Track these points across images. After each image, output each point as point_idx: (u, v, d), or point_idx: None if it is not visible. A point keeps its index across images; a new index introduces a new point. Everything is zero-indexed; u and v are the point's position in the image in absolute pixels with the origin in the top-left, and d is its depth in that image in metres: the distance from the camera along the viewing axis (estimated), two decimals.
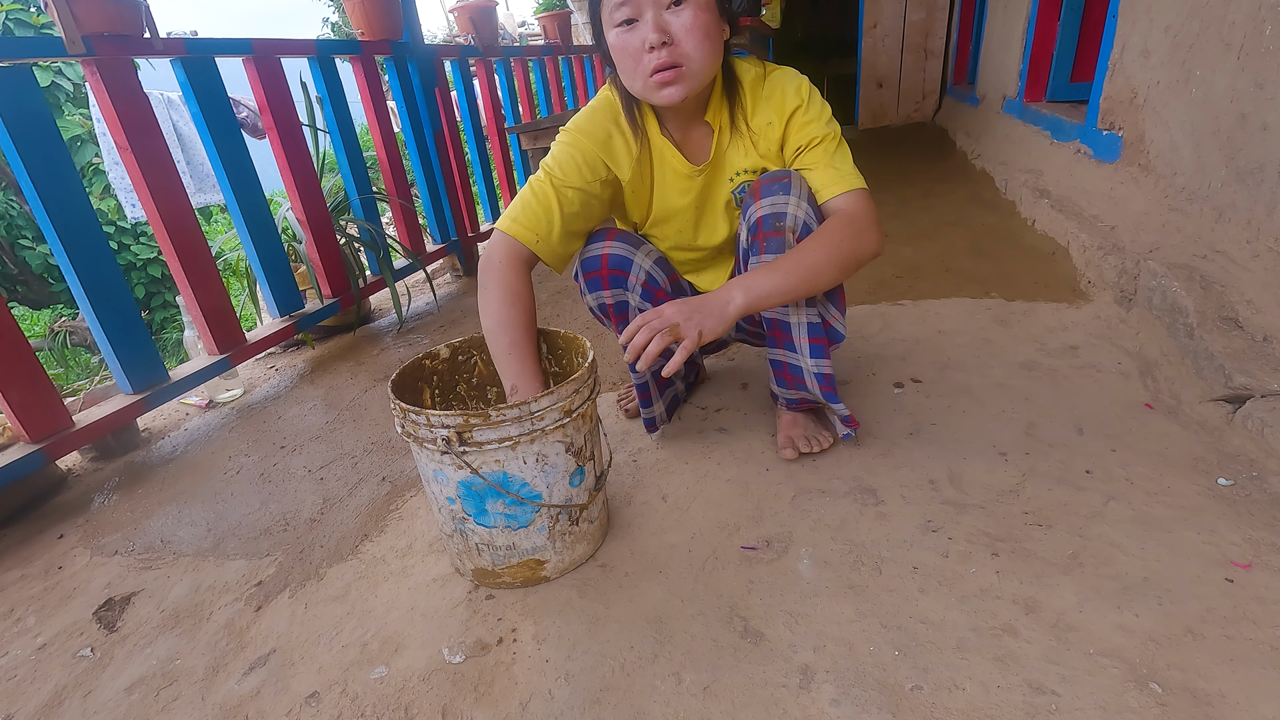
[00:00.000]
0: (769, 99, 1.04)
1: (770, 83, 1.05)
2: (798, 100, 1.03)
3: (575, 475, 0.93)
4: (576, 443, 0.91)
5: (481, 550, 0.93)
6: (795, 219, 0.98)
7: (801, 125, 1.03)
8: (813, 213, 1.00)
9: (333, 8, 11.49)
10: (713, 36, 0.93)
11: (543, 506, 0.90)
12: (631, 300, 1.14)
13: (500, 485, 0.87)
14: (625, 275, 1.11)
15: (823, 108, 1.04)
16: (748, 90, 1.05)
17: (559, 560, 0.96)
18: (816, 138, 1.02)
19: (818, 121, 1.02)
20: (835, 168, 1.01)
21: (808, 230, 0.99)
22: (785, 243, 0.99)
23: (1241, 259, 1.32)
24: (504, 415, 0.82)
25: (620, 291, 1.12)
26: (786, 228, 0.98)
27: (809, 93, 1.04)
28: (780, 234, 0.99)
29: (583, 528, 0.97)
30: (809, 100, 1.03)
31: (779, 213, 0.99)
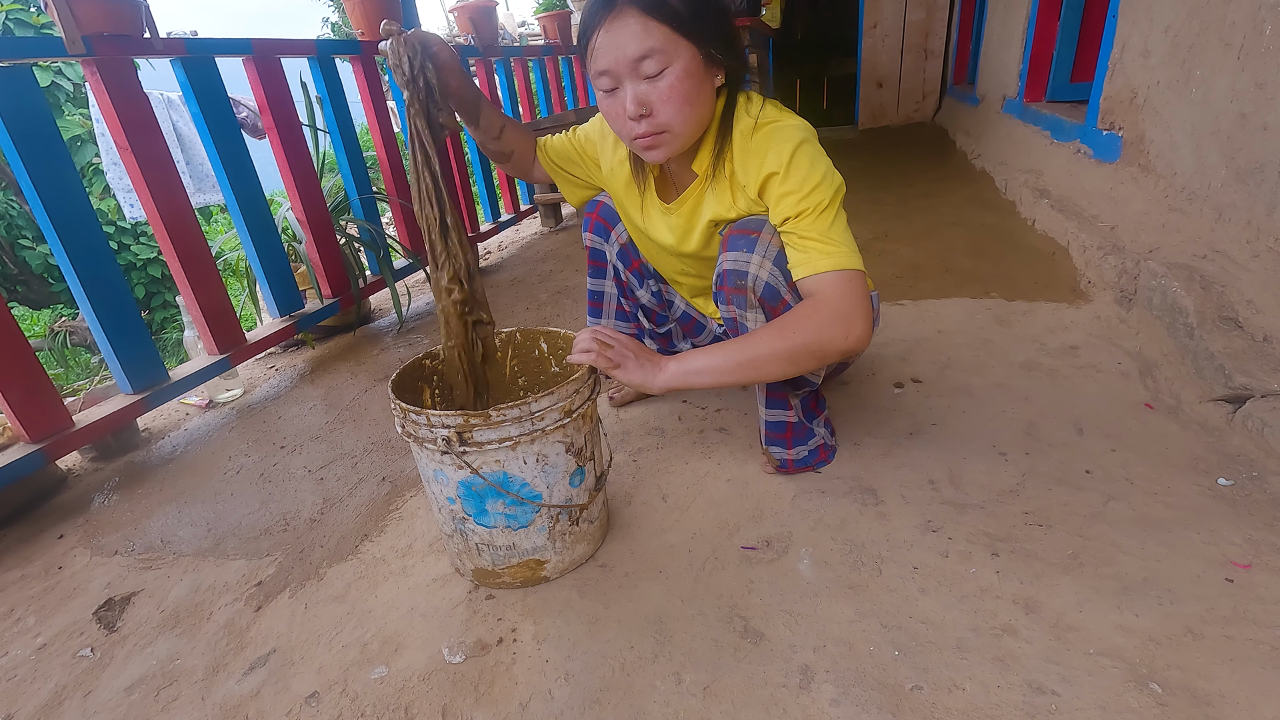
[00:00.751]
0: (752, 155, 0.93)
1: (758, 138, 0.92)
2: (775, 166, 0.90)
3: (575, 475, 0.93)
4: (577, 443, 0.91)
5: (481, 550, 0.93)
6: (756, 280, 0.94)
7: (779, 197, 0.91)
8: (778, 273, 0.94)
9: (333, 8, 11.48)
10: (695, 99, 0.88)
11: (543, 507, 0.90)
12: (609, 254, 1.28)
13: (500, 485, 0.87)
14: (609, 229, 1.24)
15: (807, 175, 0.89)
16: (736, 142, 0.95)
17: (559, 560, 0.96)
18: (795, 213, 0.89)
19: (797, 194, 0.89)
20: (812, 246, 0.88)
21: (770, 291, 0.94)
22: (748, 301, 0.97)
23: (1241, 259, 1.32)
24: (504, 415, 0.82)
25: (601, 240, 1.27)
26: (747, 287, 0.95)
27: (791, 157, 0.89)
28: (742, 292, 0.96)
29: (583, 528, 0.97)
30: (789, 166, 0.89)
31: (740, 270, 0.95)
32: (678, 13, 0.82)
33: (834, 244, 0.88)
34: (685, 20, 0.82)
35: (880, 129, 5.38)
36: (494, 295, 2.46)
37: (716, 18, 0.86)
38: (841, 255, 0.87)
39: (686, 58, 0.84)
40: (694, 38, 0.84)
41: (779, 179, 0.90)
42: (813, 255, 0.88)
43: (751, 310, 0.99)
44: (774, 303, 0.97)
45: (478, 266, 1.10)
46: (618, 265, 1.28)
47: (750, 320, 1.00)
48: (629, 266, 1.28)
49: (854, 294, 0.86)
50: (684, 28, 0.83)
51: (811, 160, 0.90)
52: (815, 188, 0.88)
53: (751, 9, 2.78)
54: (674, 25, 0.82)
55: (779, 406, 1.08)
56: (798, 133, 0.91)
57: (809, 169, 0.89)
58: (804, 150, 0.90)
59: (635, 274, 1.29)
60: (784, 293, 0.96)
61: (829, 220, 0.89)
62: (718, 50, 0.87)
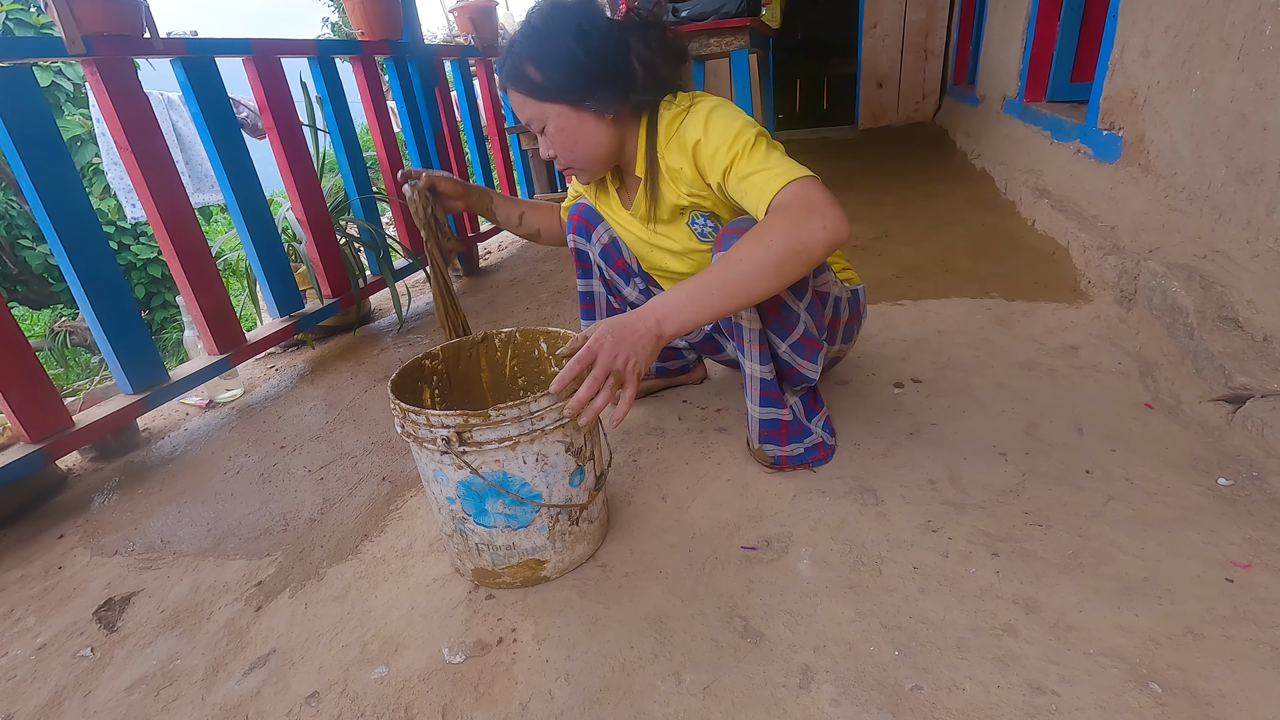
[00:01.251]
0: (675, 139, 0.99)
1: (677, 126, 0.98)
2: (696, 135, 0.95)
3: (575, 475, 0.93)
4: (576, 443, 0.91)
5: (481, 550, 0.93)
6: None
7: (709, 158, 0.95)
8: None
9: (333, 8, 11.49)
10: (578, 142, 1.01)
11: (543, 506, 0.90)
12: (592, 254, 1.29)
13: (500, 485, 0.87)
14: (591, 229, 1.26)
15: (726, 128, 0.93)
16: (662, 136, 1.01)
17: (559, 560, 0.96)
18: (728, 162, 0.92)
19: (724, 147, 0.92)
20: (757, 178, 0.89)
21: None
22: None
23: (1241, 259, 1.32)
24: (504, 415, 0.82)
25: (583, 240, 1.27)
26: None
27: (706, 121, 0.94)
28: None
29: (583, 527, 0.97)
30: (707, 129, 0.94)
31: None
32: (540, 86, 0.97)
33: (776, 166, 0.89)
34: (548, 90, 0.97)
35: (880, 129, 5.38)
36: (494, 295, 2.46)
37: (582, 77, 0.96)
38: (787, 171, 0.88)
39: (558, 114, 0.99)
40: (559, 100, 0.98)
41: (703, 144, 0.95)
42: (762, 184, 0.88)
43: (746, 309, 1.00)
44: (770, 301, 0.98)
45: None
46: (600, 264, 1.29)
47: (744, 318, 1.02)
48: (612, 265, 1.28)
49: (815, 191, 0.85)
50: (548, 95, 0.97)
51: (727, 118, 0.95)
52: (737, 135, 0.92)
53: (751, 9, 2.78)
54: (539, 96, 0.98)
55: (773, 405, 1.08)
56: (708, 103, 0.98)
57: (726, 124, 0.94)
58: (717, 113, 0.95)
59: (620, 273, 1.29)
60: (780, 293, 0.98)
61: (762, 152, 0.91)
62: (592, 101, 0.97)
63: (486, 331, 1.12)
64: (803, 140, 5.36)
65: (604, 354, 0.81)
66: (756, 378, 1.06)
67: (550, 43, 0.94)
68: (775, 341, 1.04)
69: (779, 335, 1.03)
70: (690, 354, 1.44)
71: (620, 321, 0.84)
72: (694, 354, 1.45)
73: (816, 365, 1.07)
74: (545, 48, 0.94)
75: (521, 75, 0.96)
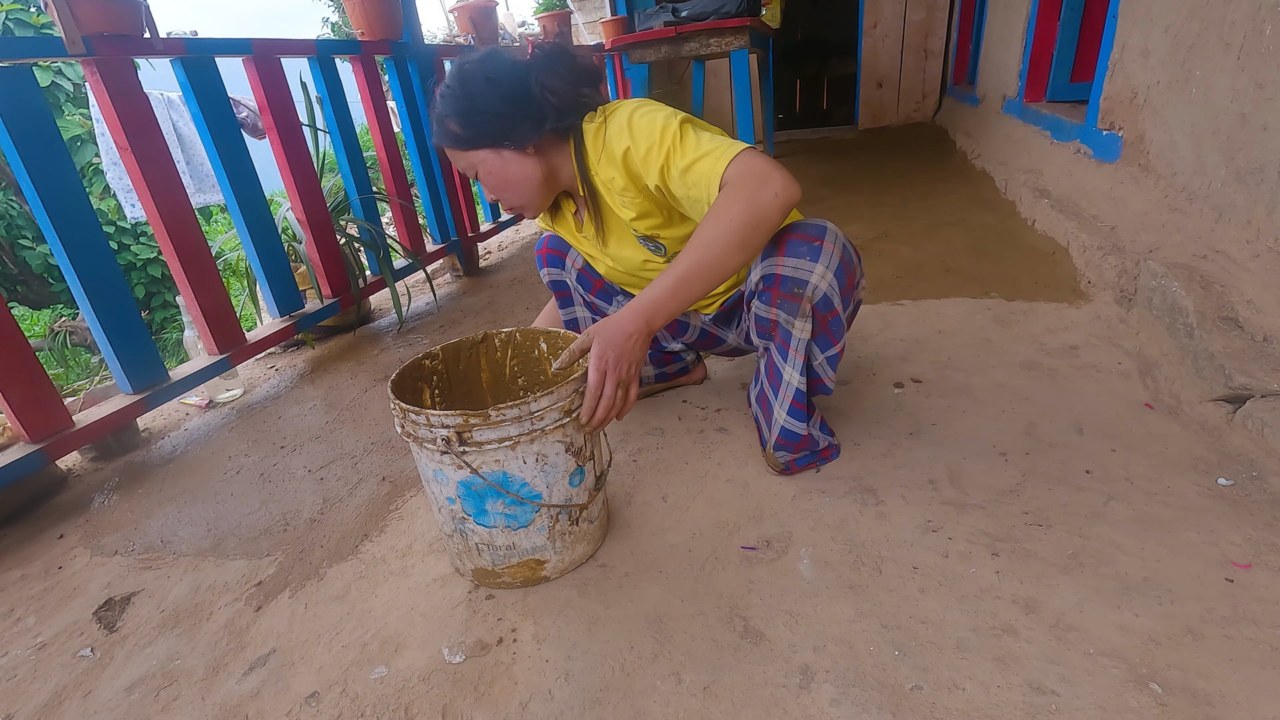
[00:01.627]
0: (606, 151, 1.00)
1: (606, 134, 1.00)
2: (624, 142, 0.96)
3: (575, 475, 0.93)
4: (576, 443, 0.91)
5: (481, 550, 0.93)
6: (816, 290, 0.96)
7: (643, 162, 0.95)
8: (835, 284, 0.97)
9: (333, 8, 11.49)
10: (507, 180, 1.04)
11: (543, 506, 0.90)
12: (569, 281, 1.31)
13: (500, 485, 0.87)
14: (563, 257, 1.29)
15: (649, 129, 0.94)
16: (590, 152, 1.03)
17: (559, 560, 0.96)
18: (663, 160, 0.93)
19: (655, 148, 0.93)
20: (699, 167, 0.90)
21: (826, 301, 0.97)
22: (800, 309, 0.98)
23: (1241, 259, 1.32)
24: (504, 415, 0.82)
25: (557, 270, 1.31)
26: (805, 295, 0.97)
27: (628, 123, 0.96)
28: (797, 299, 0.98)
29: (583, 527, 0.97)
30: (632, 134, 0.95)
31: (800, 279, 0.96)
32: (462, 137, 1.02)
33: (712, 150, 0.90)
34: (469, 139, 1.02)
35: (880, 129, 5.37)
36: (494, 295, 2.46)
37: (495, 120, 1.00)
38: (724, 150, 0.89)
39: (483, 160, 1.03)
40: (480, 146, 1.02)
41: (632, 149, 0.96)
42: (706, 170, 0.89)
43: (801, 319, 0.99)
44: (826, 311, 0.98)
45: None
46: (579, 290, 1.31)
47: (798, 328, 1.00)
48: (591, 289, 1.30)
49: (757, 161, 0.88)
50: (470, 144, 1.03)
51: (647, 116, 0.96)
52: (662, 130, 0.93)
53: (751, 9, 2.78)
54: (463, 146, 1.03)
55: (799, 418, 1.08)
56: (625, 107, 0.99)
57: (648, 123, 0.95)
58: (636, 114, 0.97)
59: (600, 294, 1.30)
60: (837, 303, 0.98)
61: (693, 140, 0.92)
62: (507, 138, 1.01)
63: (486, 331, 1.12)
64: (803, 140, 5.36)
65: (611, 371, 0.86)
66: (793, 386, 1.05)
67: (463, 97, 1.00)
68: (815, 352, 1.04)
69: (822, 347, 1.03)
70: (689, 355, 1.44)
71: (613, 329, 0.87)
72: (692, 354, 1.45)
73: (835, 376, 1.09)
74: (460, 103, 1.00)
75: (446, 131, 1.03)
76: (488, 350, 1.12)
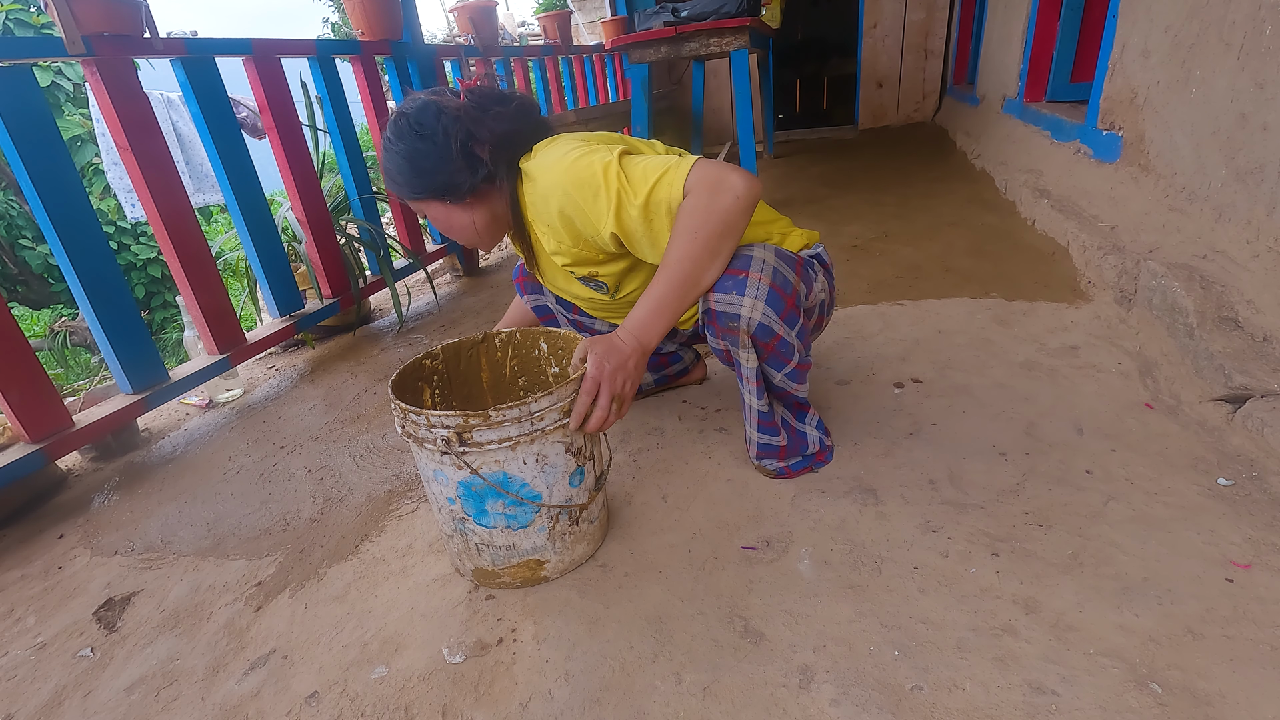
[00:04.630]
0: (543, 214, 1.00)
1: (540, 187, 0.98)
2: (558, 200, 0.94)
3: (575, 475, 0.92)
4: (576, 443, 0.91)
5: (481, 550, 0.93)
6: (750, 321, 0.96)
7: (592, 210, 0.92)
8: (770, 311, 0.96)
9: (333, 8, 11.50)
10: (450, 222, 1.06)
11: (543, 507, 0.90)
12: (549, 304, 1.32)
13: (500, 485, 0.87)
14: (539, 283, 1.29)
15: (582, 173, 0.91)
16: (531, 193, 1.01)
17: (559, 560, 0.96)
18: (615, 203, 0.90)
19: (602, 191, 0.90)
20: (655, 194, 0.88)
21: (763, 329, 0.97)
22: (740, 341, 0.99)
23: (1241, 259, 1.32)
24: (504, 415, 0.82)
25: (537, 296, 1.32)
26: (739, 328, 0.97)
27: (560, 180, 0.93)
28: (734, 332, 0.98)
29: (583, 528, 0.97)
30: (567, 191, 0.93)
31: (731, 313, 0.96)
32: (403, 188, 1.04)
33: (661, 173, 0.89)
34: (409, 191, 1.04)
35: (880, 129, 5.37)
36: (494, 295, 2.46)
37: (427, 178, 1.01)
38: (675, 173, 0.88)
39: (428, 208, 1.06)
40: (421, 198, 1.04)
41: (572, 209, 0.94)
42: (663, 197, 0.89)
43: (745, 350, 1.01)
44: (767, 339, 0.98)
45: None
46: (561, 311, 1.32)
47: (744, 358, 1.02)
48: (573, 310, 1.31)
49: (709, 172, 0.87)
50: (412, 195, 1.05)
51: (577, 168, 0.92)
52: (604, 172, 0.90)
53: (751, 9, 2.78)
54: (406, 197, 1.06)
55: (769, 432, 1.10)
56: (548, 165, 0.96)
57: (580, 170, 0.92)
58: (566, 174, 0.93)
59: (582, 314, 1.31)
60: (777, 328, 0.97)
61: (639, 171, 0.90)
62: (445, 194, 1.02)
63: (487, 331, 1.12)
64: (803, 140, 5.36)
65: (607, 383, 0.88)
66: (754, 409, 1.08)
67: (399, 154, 1.01)
68: (771, 373, 1.05)
69: (775, 368, 1.04)
70: (688, 354, 1.44)
71: (611, 347, 0.90)
72: (691, 354, 1.45)
73: (806, 386, 1.10)
74: (398, 159, 1.01)
75: (391, 181, 1.05)
76: (488, 350, 1.12)
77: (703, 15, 2.74)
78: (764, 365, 1.04)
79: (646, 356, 0.92)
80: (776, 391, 1.09)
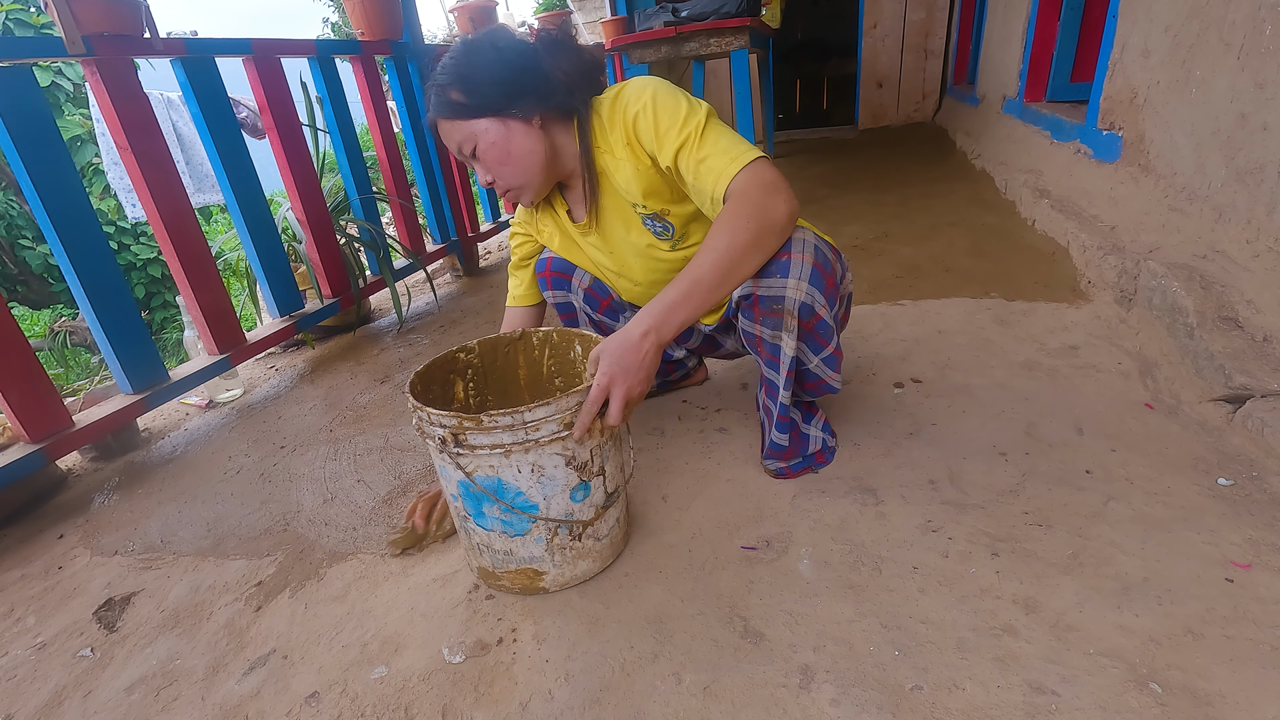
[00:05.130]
0: (615, 126, 1.00)
1: (616, 106, 0.99)
2: (637, 105, 0.96)
3: (578, 490, 0.89)
4: (580, 457, 0.87)
5: (482, 550, 0.93)
6: (794, 302, 0.95)
7: (660, 136, 0.94)
8: (815, 290, 0.95)
9: (333, 8, 11.50)
10: (509, 156, 1.00)
11: (539, 519, 0.88)
12: (575, 302, 1.26)
13: (493, 492, 0.85)
14: (568, 279, 1.23)
15: (674, 109, 0.94)
16: (602, 127, 1.01)
17: (558, 574, 0.93)
18: (680, 142, 0.93)
19: (673, 128, 0.93)
20: (713, 162, 0.91)
21: (806, 308, 0.96)
22: (783, 324, 0.97)
23: (1241, 259, 1.32)
24: (496, 422, 0.80)
25: (564, 293, 1.25)
26: (785, 310, 0.96)
27: (651, 97, 0.95)
28: (778, 315, 0.97)
29: (586, 544, 0.93)
30: (653, 106, 0.95)
31: (775, 295, 0.96)
32: (464, 106, 0.98)
33: (729, 149, 0.91)
34: (471, 107, 0.98)
35: (880, 129, 5.37)
36: (493, 295, 2.46)
37: (503, 88, 0.97)
38: (740, 155, 0.90)
39: (485, 129, 0.99)
40: (484, 114, 0.98)
41: (645, 119, 0.95)
42: (719, 167, 0.91)
43: (786, 333, 0.98)
44: (808, 317, 0.97)
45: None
46: (586, 310, 1.26)
47: (785, 341, 0.99)
48: (598, 309, 1.26)
49: (767, 173, 0.90)
50: (472, 113, 0.98)
51: (672, 98, 0.95)
52: (687, 117, 0.93)
53: (751, 9, 2.78)
54: (464, 115, 0.99)
55: (784, 429, 1.08)
56: (642, 83, 0.98)
57: (672, 104, 0.94)
58: (659, 92, 0.96)
59: (608, 313, 1.27)
60: (818, 308, 0.97)
61: (714, 135, 0.93)
62: (513, 106, 0.98)
63: (525, 329, 1.10)
64: (803, 140, 5.36)
65: (617, 389, 0.84)
66: (780, 400, 1.05)
67: (468, 65, 0.97)
68: (808, 356, 1.03)
69: (813, 350, 1.02)
70: (691, 360, 1.43)
71: (621, 347, 0.85)
72: (694, 360, 1.44)
73: (840, 376, 1.08)
74: (464, 70, 0.97)
75: (445, 101, 0.99)
76: (526, 348, 1.10)
77: (703, 15, 2.74)
78: (803, 344, 1.01)
79: (661, 350, 0.87)
80: (811, 380, 1.06)
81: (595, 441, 0.88)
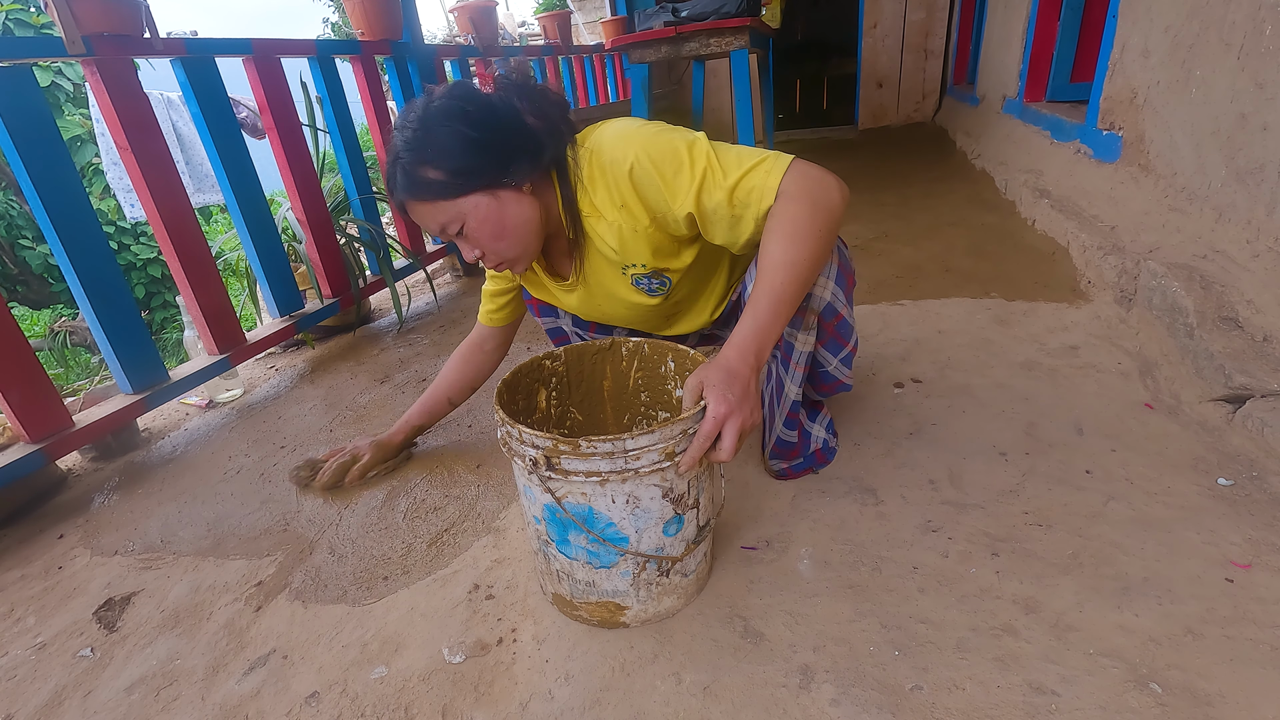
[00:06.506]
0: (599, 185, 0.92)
1: (595, 164, 0.91)
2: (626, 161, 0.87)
3: (672, 523, 0.82)
4: (678, 489, 0.80)
5: (561, 578, 0.87)
6: (820, 300, 0.94)
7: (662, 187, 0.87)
8: (838, 290, 0.95)
9: (333, 8, 11.50)
10: (505, 218, 0.89)
11: (627, 553, 0.81)
12: (565, 325, 1.20)
13: (583, 521, 0.79)
14: (555, 307, 1.16)
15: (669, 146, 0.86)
16: (582, 186, 0.93)
17: (641, 609, 0.86)
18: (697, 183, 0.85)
19: (682, 170, 0.85)
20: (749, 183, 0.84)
21: (829, 308, 0.95)
22: (804, 322, 0.96)
23: (1241, 259, 1.32)
24: (595, 448, 0.74)
25: (553, 319, 1.19)
26: (809, 308, 0.95)
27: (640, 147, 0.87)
28: (800, 314, 0.96)
29: (673, 580, 0.86)
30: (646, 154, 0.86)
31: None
32: (445, 184, 0.86)
33: (757, 163, 0.85)
34: (455, 185, 0.86)
35: (880, 129, 5.37)
36: None
37: (488, 156, 0.86)
38: (773, 164, 0.84)
39: (475, 206, 0.88)
40: (470, 190, 0.87)
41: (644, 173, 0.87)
42: (758, 184, 0.84)
43: (804, 331, 0.97)
44: (831, 318, 0.97)
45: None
46: (576, 333, 1.21)
47: (799, 340, 0.98)
48: (588, 330, 1.21)
49: (811, 170, 0.85)
50: (457, 190, 0.86)
51: (660, 136, 0.87)
52: (689, 151, 0.86)
53: (751, 9, 2.78)
54: (448, 195, 0.86)
55: (792, 427, 1.08)
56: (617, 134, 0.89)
57: (667, 146, 0.86)
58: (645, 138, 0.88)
59: (600, 332, 1.23)
60: (840, 307, 0.97)
61: (732, 157, 0.86)
62: (504, 175, 0.88)
63: (614, 339, 1.04)
64: (803, 140, 5.36)
65: (733, 422, 0.76)
66: (790, 398, 1.03)
67: (442, 135, 0.85)
68: (827, 357, 1.02)
69: (833, 351, 1.01)
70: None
71: (728, 377, 0.78)
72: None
73: (852, 372, 1.07)
74: (438, 143, 0.85)
75: (420, 182, 0.86)
76: (613, 358, 1.04)
77: (703, 15, 2.74)
78: (824, 349, 1.01)
79: (760, 372, 0.82)
80: (827, 381, 1.05)
81: (695, 473, 0.81)
